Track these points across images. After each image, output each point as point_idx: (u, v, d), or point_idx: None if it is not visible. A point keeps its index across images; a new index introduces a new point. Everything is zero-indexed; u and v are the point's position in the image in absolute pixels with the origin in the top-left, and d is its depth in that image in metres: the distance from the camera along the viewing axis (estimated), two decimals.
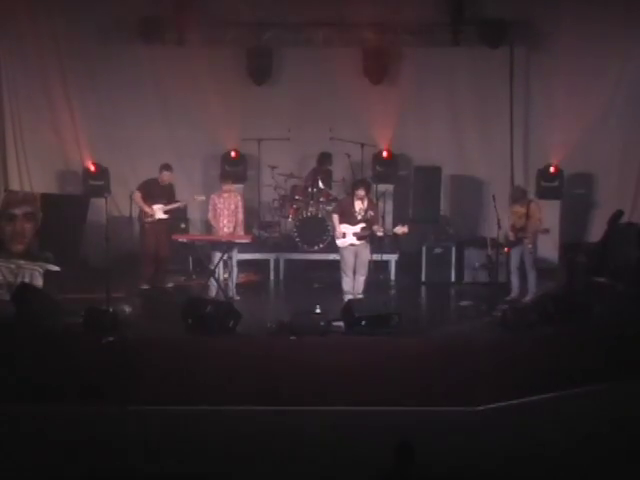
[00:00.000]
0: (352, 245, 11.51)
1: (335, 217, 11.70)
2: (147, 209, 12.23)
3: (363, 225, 11.48)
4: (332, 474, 8.44)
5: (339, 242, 11.59)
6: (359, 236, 11.49)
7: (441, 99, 14.41)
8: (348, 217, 11.55)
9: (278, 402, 9.69)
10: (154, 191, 12.31)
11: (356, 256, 11.53)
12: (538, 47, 14.19)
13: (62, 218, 12.89)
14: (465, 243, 13.35)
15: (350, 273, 11.55)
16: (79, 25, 13.83)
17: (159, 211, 12.25)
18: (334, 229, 11.79)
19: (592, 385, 10.17)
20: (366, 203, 11.59)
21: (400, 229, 11.63)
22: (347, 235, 11.50)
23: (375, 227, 11.48)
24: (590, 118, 14.08)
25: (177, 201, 12.49)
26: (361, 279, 11.59)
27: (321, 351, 10.13)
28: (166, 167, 12.39)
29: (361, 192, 11.54)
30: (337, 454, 8.75)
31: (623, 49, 13.98)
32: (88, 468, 8.24)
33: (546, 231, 11.92)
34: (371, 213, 11.58)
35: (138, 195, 12.28)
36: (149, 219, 12.24)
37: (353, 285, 11.56)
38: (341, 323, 10.53)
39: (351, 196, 11.77)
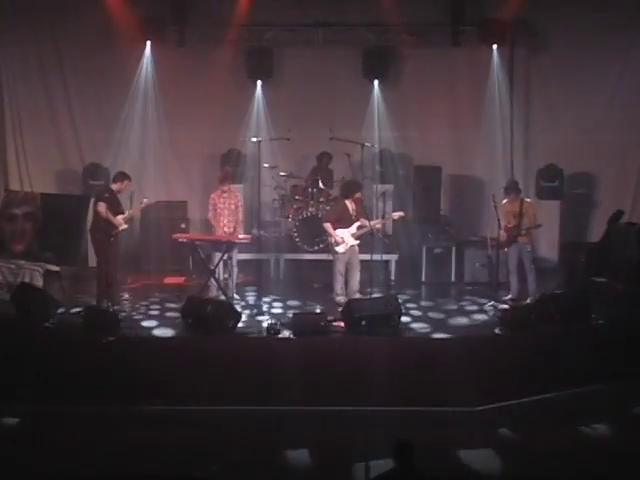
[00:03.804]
0: (352, 247, 11.50)
1: (328, 225, 11.55)
2: (115, 221, 11.24)
3: (358, 224, 11.48)
4: (332, 474, 8.44)
5: (340, 248, 11.45)
6: (357, 235, 11.48)
7: (441, 99, 14.40)
8: (345, 221, 11.51)
9: (278, 402, 9.69)
10: (115, 201, 11.42)
11: (350, 256, 11.50)
12: (538, 47, 14.20)
13: (62, 218, 12.85)
14: (465, 243, 13.36)
15: (344, 273, 11.53)
16: (79, 25, 13.82)
17: (122, 223, 11.35)
18: (330, 236, 11.59)
19: (592, 385, 10.18)
20: (355, 203, 11.60)
21: (397, 214, 11.79)
22: (345, 239, 11.47)
23: (371, 222, 11.48)
24: (590, 118, 14.10)
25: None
26: (357, 279, 11.55)
27: (321, 351, 10.13)
28: (122, 176, 11.54)
29: (359, 194, 11.57)
30: (337, 454, 8.75)
31: (623, 49, 13.99)
32: (88, 468, 8.24)
33: (538, 226, 11.91)
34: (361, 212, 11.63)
35: (104, 207, 11.25)
36: (115, 231, 11.24)
37: (343, 286, 11.55)
38: (341, 323, 10.54)
39: (342, 200, 11.72)
